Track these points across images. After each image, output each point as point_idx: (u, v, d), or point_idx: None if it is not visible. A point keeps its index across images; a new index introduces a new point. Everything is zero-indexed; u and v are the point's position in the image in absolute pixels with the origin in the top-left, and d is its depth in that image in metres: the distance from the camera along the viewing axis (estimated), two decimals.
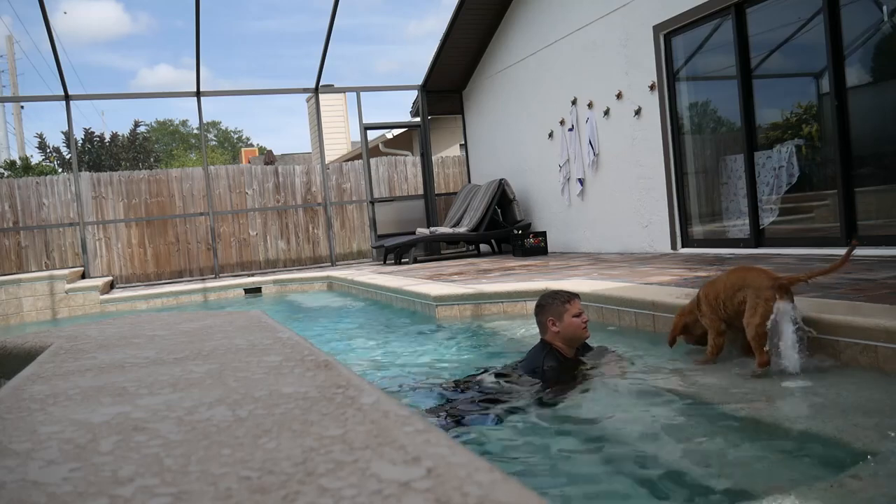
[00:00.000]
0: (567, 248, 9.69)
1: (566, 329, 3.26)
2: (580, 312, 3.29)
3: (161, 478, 0.76)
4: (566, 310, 3.27)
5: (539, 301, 3.41)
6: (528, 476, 2.20)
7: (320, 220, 12.20)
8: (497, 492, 0.66)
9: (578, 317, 3.27)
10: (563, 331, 3.27)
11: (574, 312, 3.27)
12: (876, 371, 2.73)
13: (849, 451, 2.09)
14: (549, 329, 3.30)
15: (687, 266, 5.97)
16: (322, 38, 11.13)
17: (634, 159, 8.14)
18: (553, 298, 3.35)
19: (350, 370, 1.27)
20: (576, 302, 3.32)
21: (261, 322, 2.07)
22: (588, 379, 3.20)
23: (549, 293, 3.43)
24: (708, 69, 7.45)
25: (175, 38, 69.02)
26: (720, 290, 3.18)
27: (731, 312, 3.14)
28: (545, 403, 2.95)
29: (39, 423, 1.04)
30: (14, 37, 34.92)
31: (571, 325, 3.26)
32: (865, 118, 5.79)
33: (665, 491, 2.02)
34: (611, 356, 3.49)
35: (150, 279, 11.35)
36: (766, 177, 6.64)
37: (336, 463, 0.77)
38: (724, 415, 2.60)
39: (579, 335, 3.30)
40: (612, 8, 8.20)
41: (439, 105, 12.41)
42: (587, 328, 3.32)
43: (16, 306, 8.58)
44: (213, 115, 58.09)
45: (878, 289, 3.70)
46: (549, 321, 3.29)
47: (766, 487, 1.90)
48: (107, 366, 1.52)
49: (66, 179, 11.12)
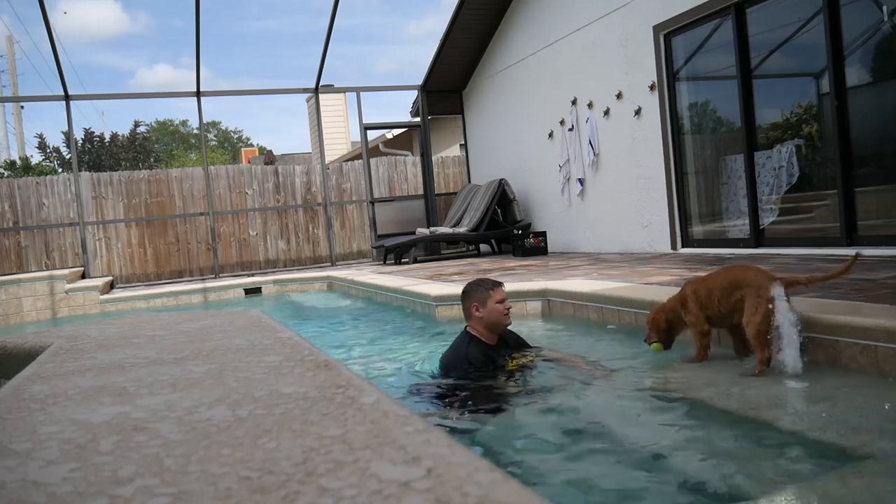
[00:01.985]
0: (567, 248, 9.69)
1: (489, 314, 3.42)
2: (503, 299, 3.45)
3: (161, 478, 0.76)
4: (490, 296, 3.42)
5: (465, 288, 3.57)
6: (529, 477, 2.20)
7: (320, 220, 12.20)
8: (497, 492, 0.66)
9: (501, 303, 3.43)
10: (486, 316, 3.42)
11: (497, 299, 3.43)
12: (876, 371, 2.73)
13: (849, 451, 2.09)
14: (472, 314, 3.46)
15: (687, 266, 5.97)
16: (322, 38, 11.14)
17: (634, 159, 8.14)
18: (478, 286, 3.50)
19: (350, 370, 1.27)
20: (499, 289, 3.47)
21: (261, 322, 2.07)
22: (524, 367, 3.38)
23: (475, 280, 3.59)
24: (708, 69, 7.45)
25: (174, 37, 69.08)
26: (714, 288, 3.17)
27: (725, 311, 3.13)
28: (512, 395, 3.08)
29: (39, 423, 1.04)
30: (14, 37, 34.92)
31: (494, 311, 3.41)
32: (865, 118, 5.78)
33: (664, 491, 2.02)
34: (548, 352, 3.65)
35: (150, 279, 11.35)
36: (766, 177, 6.64)
37: (336, 463, 0.77)
38: (723, 414, 2.60)
39: (501, 321, 3.44)
40: (612, 8, 8.20)
41: (439, 105, 12.41)
42: (509, 315, 3.48)
43: (16, 306, 8.58)
44: (213, 115, 58.11)
45: (878, 289, 3.70)
46: (473, 307, 3.45)
47: (765, 487, 1.90)
48: (107, 366, 1.52)
49: (66, 179, 11.12)
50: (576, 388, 3.10)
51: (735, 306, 3.09)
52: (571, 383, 3.15)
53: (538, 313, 5.17)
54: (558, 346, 4.23)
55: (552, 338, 4.51)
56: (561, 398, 2.99)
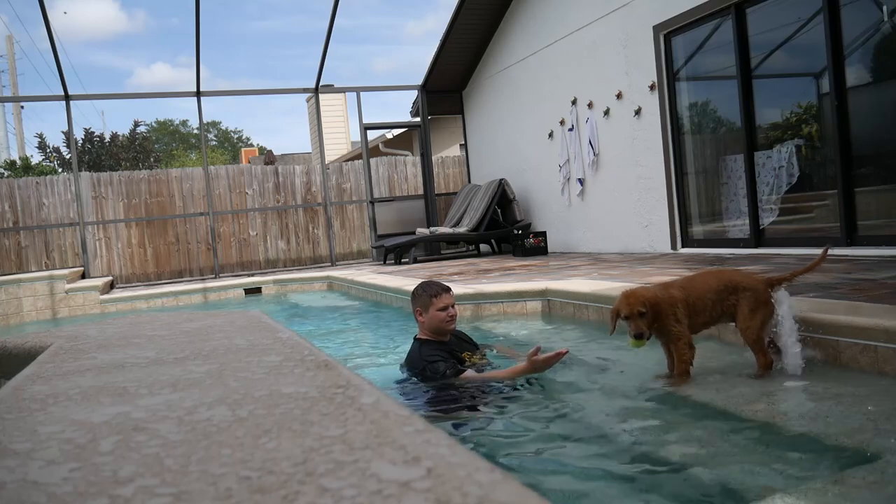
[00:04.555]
0: (567, 248, 9.69)
1: (430, 321, 3.39)
2: (447, 306, 3.38)
3: (161, 478, 0.76)
4: (432, 303, 3.37)
5: (413, 290, 3.52)
6: (527, 473, 2.20)
7: (320, 220, 12.19)
8: (497, 492, 0.66)
9: (444, 311, 3.37)
10: (428, 322, 3.39)
11: (439, 306, 3.37)
12: (876, 371, 2.73)
13: (849, 452, 2.09)
14: (417, 318, 3.45)
15: (687, 266, 5.97)
16: (322, 38, 11.14)
17: (634, 159, 8.14)
18: (423, 290, 3.44)
19: (350, 370, 1.27)
20: (444, 296, 3.39)
21: (261, 322, 2.07)
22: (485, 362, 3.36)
23: (423, 283, 3.53)
24: (708, 69, 7.45)
25: (172, 36, 69.14)
26: (705, 293, 2.97)
27: (715, 316, 2.99)
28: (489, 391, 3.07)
29: (39, 423, 1.04)
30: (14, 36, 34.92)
31: (436, 318, 3.38)
32: (865, 118, 5.78)
33: (664, 491, 2.02)
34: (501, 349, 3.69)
35: (150, 279, 11.35)
36: (766, 177, 6.64)
37: (336, 463, 0.77)
38: (723, 415, 2.60)
39: (443, 328, 3.40)
40: (612, 8, 8.20)
41: (439, 105, 12.41)
42: (453, 321, 3.43)
43: (16, 306, 8.58)
44: (213, 115, 58.06)
45: (878, 289, 3.70)
46: (417, 311, 3.44)
47: (765, 487, 1.90)
48: (107, 366, 1.52)
49: (66, 179, 11.12)
50: (568, 385, 3.10)
51: (727, 311, 2.96)
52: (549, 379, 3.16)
53: (538, 313, 5.17)
54: (558, 346, 4.23)
55: (552, 338, 4.51)
56: (557, 401, 2.99)
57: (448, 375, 3.18)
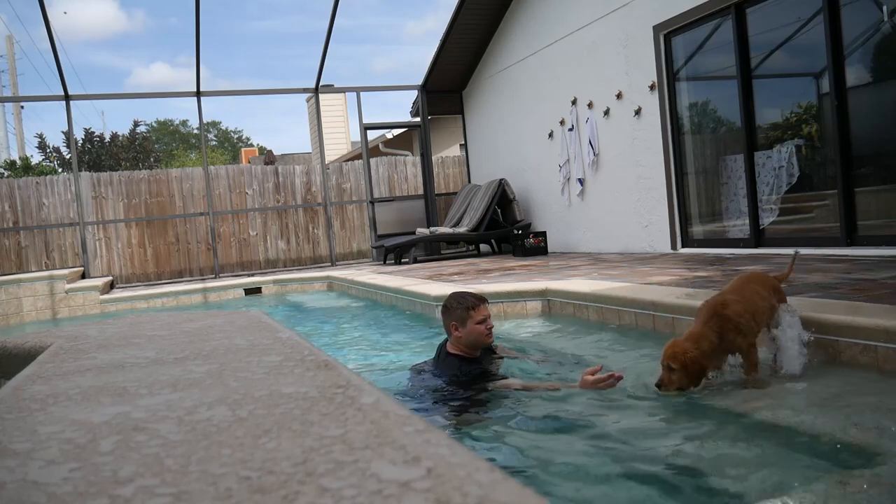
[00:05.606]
0: (567, 248, 9.69)
1: (468, 335, 3.22)
2: (484, 318, 3.23)
3: (161, 478, 0.76)
4: (469, 316, 3.21)
5: (445, 302, 3.33)
6: (528, 476, 2.20)
7: (320, 220, 12.20)
8: (497, 492, 0.65)
9: (482, 323, 3.21)
10: (465, 336, 3.23)
11: (478, 319, 3.21)
12: (876, 371, 2.73)
13: (849, 452, 2.09)
14: (451, 333, 3.27)
15: (687, 266, 5.97)
16: (322, 38, 11.14)
17: (634, 159, 8.14)
18: (458, 303, 3.26)
19: (350, 370, 1.27)
20: (481, 308, 3.24)
21: (261, 322, 2.07)
22: None
23: (457, 295, 3.34)
24: (708, 69, 7.45)
25: (171, 36, 69.14)
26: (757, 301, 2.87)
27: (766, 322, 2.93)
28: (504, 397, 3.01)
29: (39, 423, 1.04)
30: (14, 36, 34.92)
31: (474, 332, 3.22)
32: (865, 118, 5.78)
33: (665, 491, 2.02)
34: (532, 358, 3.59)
35: (150, 279, 11.35)
36: (766, 177, 6.64)
37: (336, 463, 0.77)
38: (723, 414, 2.60)
39: (481, 342, 3.26)
40: (612, 8, 8.20)
41: (439, 105, 12.41)
42: (491, 334, 3.28)
43: (16, 306, 8.58)
44: (213, 115, 58.04)
45: (878, 289, 3.70)
46: (452, 325, 3.25)
47: (765, 487, 1.90)
48: (107, 366, 1.52)
49: (66, 179, 11.12)
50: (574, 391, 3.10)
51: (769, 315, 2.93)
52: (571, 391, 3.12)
53: (538, 313, 5.17)
54: (558, 346, 4.23)
55: (552, 338, 4.51)
56: (559, 401, 2.99)
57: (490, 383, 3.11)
